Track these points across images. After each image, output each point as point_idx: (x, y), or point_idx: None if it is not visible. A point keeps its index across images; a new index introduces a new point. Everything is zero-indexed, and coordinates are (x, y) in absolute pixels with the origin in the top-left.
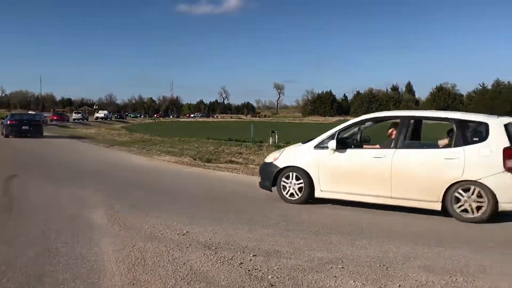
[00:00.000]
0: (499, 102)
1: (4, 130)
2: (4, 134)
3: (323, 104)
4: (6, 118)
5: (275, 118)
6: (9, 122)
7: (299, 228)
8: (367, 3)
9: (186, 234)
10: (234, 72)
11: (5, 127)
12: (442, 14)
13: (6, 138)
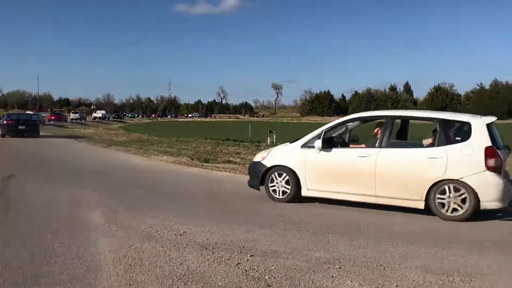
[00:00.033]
0: (497, 102)
1: (0, 130)
2: (0, 134)
3: (321, 104)
4: (2, 118)
5: (273, 118)
6: (5, 122)
7: (297, 228)
8: (366, 3)
9: (183, 234)
10: (232, 72)
11: (1, 127)
12: (441, 14)
13: (2, 138)
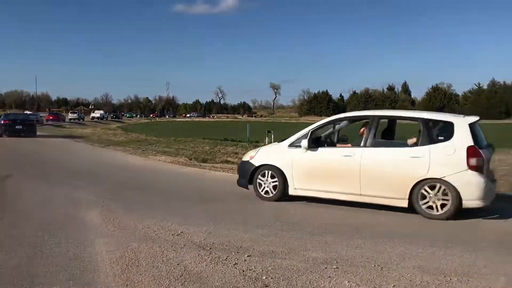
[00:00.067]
0: (495, 102)
1: None
2: None
3: (319, 104)
4: (0, 118)
5: (271, 118)
6: (2, 122)
7: (294, 228)
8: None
9: (180, 235)
10: (230, 72)
11: None
12: (439, 14)
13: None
